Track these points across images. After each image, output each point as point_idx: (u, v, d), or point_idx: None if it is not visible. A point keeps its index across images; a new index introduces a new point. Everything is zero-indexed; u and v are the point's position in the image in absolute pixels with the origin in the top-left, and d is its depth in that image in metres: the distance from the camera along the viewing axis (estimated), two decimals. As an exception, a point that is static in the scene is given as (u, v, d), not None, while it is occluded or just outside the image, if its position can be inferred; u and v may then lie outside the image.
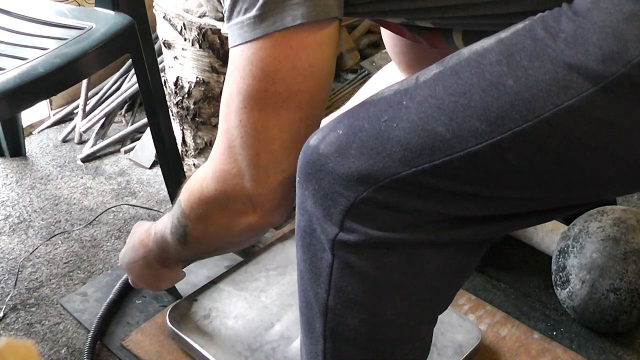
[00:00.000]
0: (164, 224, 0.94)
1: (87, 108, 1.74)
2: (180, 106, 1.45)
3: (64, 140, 1.71)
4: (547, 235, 1.24)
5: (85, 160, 1.63)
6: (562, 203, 0.71)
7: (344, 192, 0.67)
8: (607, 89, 0.59)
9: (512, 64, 0.62)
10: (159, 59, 1.42)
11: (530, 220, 0.73)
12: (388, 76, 1.23)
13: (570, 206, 0.73)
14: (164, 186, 1.48)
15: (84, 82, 1.73)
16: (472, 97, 0.62)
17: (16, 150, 1.63)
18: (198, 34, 1.32)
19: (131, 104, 1.79)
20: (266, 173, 0.75)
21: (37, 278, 1.28)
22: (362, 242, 0.68)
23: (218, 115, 1.41)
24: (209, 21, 1.34)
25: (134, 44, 1.23)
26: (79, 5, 1.75)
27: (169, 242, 0.93)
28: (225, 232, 0.83)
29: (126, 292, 1.23)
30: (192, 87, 1.40)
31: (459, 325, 1.10)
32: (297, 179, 0.72)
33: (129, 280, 1.13)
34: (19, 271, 1.29)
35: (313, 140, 0.70)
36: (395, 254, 0.69)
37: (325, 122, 0.75)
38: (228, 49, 1.32)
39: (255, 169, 0.75)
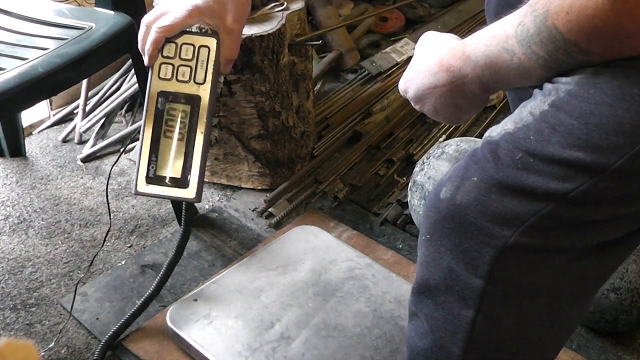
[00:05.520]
0: (496, 44, 0.70)
1: (87, 108, 1.74)
2: (180, 106, 1.45)
3: (64, 141, 1.71)
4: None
5: (85, 160, 1.63)
6: None
7: (489, 241, 0.65)
8: None
9: (631, 75, 0.60)
10: (159, 59, 1.42)
11: None
12: None
13: None
14: (164, 186, 1.48)
15: (84, 82, 1.73)
16: (601, 114, 0.60)
17: (16, 150, 1.63)
18: (198, 34, 1.32)
19: (131, 104, 1.79)
20: None
21: (37, 278, 1.28)
22: (510, 293, 0.66)
23: (218, 115, 1.41)
24: (209, 21, 1.34)
25: (134, 44, 1.22)
26: (79, 5, 1.75)
27: (525, 67, 0.69)
28: None
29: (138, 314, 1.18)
30: (192, 87, 1.40)
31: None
32: (428, 236, 0.70)
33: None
34: (19, 271, 1.30)
35: (444, 192, 0.68)
36: (539, 301, 0.67)
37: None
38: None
39: None
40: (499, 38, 0.68)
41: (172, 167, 0.91)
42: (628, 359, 1.14)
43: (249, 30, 1.33)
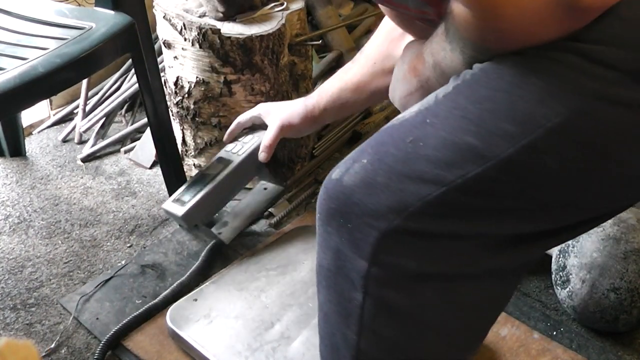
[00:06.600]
0: (436, 41, 0.70)
1: (87, 108, 1.74)
2: (180, 106, 1.45)
3: (64, 140, 1.71)
4: (547, 235, 1.24)
5: (85, 160, 1.63)
6: (601, 210, 0.66)
7: (373, 223, 0.63)
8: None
9: (533, 64, 0.58)
10: (159, 59, 1.42)
11: (565, 235, 0.68)
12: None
13: (607, 214, 0.68)
14: (164, 186, 1.48)
15: (84, 82, 1.73)
16: (497, 100, 0.58)
17: (16, 150, 1.63)
18: (198, 34, 1.32)
19: (131, 104, 1.79)
20: None
21: (37, 278, 1.28)
22: (396, 276, 0.64)
23: (218, 115, 1.41)
24: (209, 21, 1.34)
25: (134, 44, 1.23)
26: (79, 5, 1.75)
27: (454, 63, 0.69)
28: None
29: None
30: (192, 87, 1.40)
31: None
32: (318, 215, 0.69)
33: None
34: (19, 271, 1.29)
35: (335, 173, 0.67)
36: (430, 287, 0.65)
37: None
38: (228, 49, 1.31)
39: None
40: (439, 35, 0.68)
41: (186, 194, 1.27)
42: (628, 359, 1.14)
43: (249, 30, 1.33)
